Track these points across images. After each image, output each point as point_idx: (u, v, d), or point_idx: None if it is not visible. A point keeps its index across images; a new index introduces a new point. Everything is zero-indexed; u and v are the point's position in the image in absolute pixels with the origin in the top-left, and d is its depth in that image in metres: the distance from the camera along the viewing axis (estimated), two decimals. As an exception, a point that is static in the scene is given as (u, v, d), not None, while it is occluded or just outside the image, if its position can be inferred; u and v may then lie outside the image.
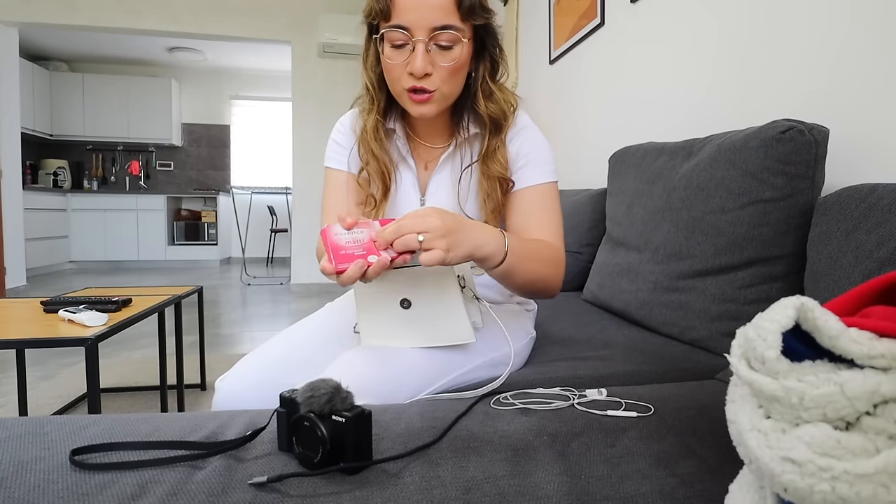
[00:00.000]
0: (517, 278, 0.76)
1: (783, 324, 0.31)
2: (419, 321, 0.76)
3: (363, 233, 0.66)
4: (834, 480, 0.26)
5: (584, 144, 2.21)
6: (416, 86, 0.78)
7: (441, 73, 0.78)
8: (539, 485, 0.47)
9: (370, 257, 0.63)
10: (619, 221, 1.36)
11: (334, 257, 0.63)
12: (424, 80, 0.78)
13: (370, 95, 0.87)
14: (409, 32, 0.76)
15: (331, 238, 0.65)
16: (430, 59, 0.77)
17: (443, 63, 0.78)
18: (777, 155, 0.90)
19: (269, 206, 6.31)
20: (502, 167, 0.85)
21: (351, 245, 0.65)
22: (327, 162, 0.94)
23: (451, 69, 0.78)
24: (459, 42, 0.77)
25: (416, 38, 0.76)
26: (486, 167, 0.86)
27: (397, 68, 0.79)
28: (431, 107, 0.81)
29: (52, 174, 5.88)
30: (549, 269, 0.81)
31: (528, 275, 0.77)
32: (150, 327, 2.23)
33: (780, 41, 1.15)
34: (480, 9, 0.78)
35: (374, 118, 0.86)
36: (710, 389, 0.72)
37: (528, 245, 0.78)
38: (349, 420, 0.46)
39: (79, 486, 0.45)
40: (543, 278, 0.80)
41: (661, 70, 1.65)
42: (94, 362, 1.08)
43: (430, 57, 0.77)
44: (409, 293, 0.75)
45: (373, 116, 0.87)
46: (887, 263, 0.68)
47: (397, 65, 0.78)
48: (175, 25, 4.23)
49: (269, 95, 6.69)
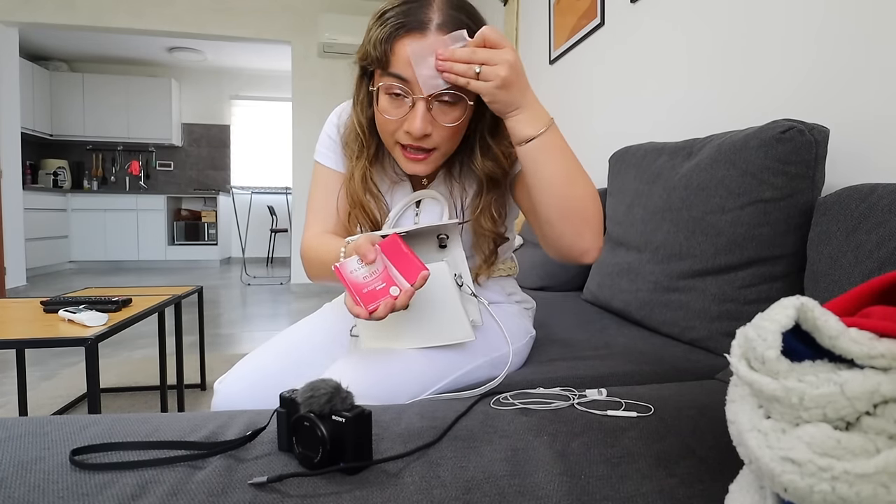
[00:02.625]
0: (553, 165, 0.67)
1: (783, 324, 0.31)
2: (418, 321, 0.76)
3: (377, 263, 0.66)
4: (834, 480, 0.26)
5: (584, 144, 2.21)
6: (412, 144, 0.72)
7: (441, 133, 0.72)
8: (539, 485, 0.47)
9: (392, 289, 0.64)
10: (619, 221, 1.36)
11: (360, 298, 0.64)
12: (423, 140, 0.72)
13: (360, 141, 0.80)
14: (410, 87, 0.69)
15: (349, 278, 0.65)
16: (430, 117, 0.70)
17: (444, 123, 0.71)
18: (777, 155, 0.90)
19: (269, 206, 6.31)
20: (493, 223, 0.81)
21: (370, 279, 0.65)
22: (318, 157, 0.88)
23: (453, 130, 0.72)
24: (463, 100, 0.70)
25: (416, 96, 0.69)
26: (478, 224, 0.81)
27: (393, 123, 0.72)
28: (427, 166, 0.75)
29: (52, 174, 5.88)
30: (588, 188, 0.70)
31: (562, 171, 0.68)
32: (150, 327, 2.24)
33: (780, 41, 1.15)
34: None
35: (362, 166, 0.80)
36: (710, 389, 0.72)
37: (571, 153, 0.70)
38: (349, 420, 0.46)
39: (79, 486, 0.45)
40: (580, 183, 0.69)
41: (662, 70, 1.65)
42: (94, 362, 1.08)
43: (430, 116, 0.70)
44: None
45: (361, 164, 0.80)
46: (887, 263, 0.68)
47: (393, 120, 0.72)
48: (175, 25, 4.23)
49: (269, 95, 6.69)
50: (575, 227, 0.70)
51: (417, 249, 0.71)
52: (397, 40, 0.68)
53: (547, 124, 0.67)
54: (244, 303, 3.96)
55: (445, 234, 0.78)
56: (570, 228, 0.71)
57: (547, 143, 0.67)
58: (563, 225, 0.71)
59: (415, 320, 0.76)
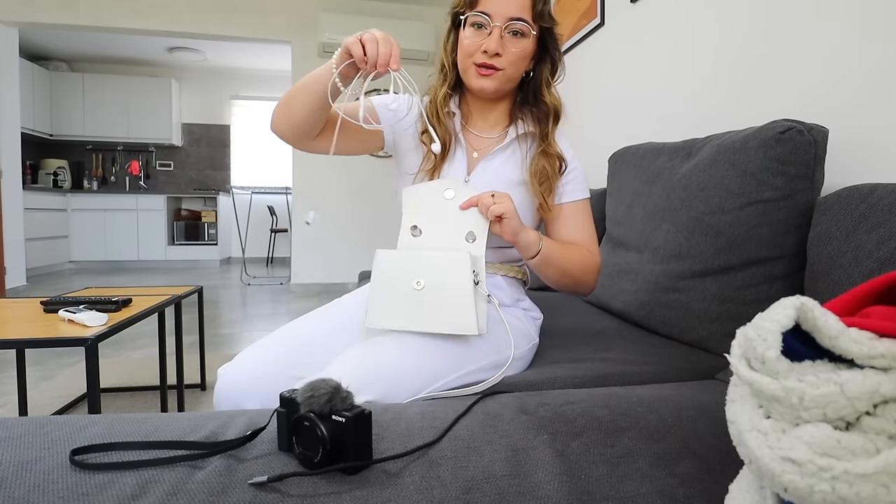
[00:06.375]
0: (551, 270, 0.91)
1: (783, 324, 0.31)
2: (429, 305, 0.79)
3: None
4: (834, 480, 0.26)
5: (584, 144, 2.21)
6: (486, 62, 0.90)
7: (509, 57, 0.90)
8: (539, 485, 0.47)
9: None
10: (619, 221, 1.36)
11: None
12: (494, 59, 0.90)
13: (443, 73, 1.00)
14: (490, 18, 0.89)
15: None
16: (502, 43, 0.89)
17: (513, 49, 0.90)
18: (776, 155, 0.90)
19: (269, 206, 6.30)
20: (558, 149, 0.97)
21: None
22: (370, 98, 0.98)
23: (519, 55, 0.91)
24: (529, 34, 0.90)
25: (494, 24, 0.89)
26: (549, 146, 0.96)
27: (473, 45, 0.91)
28: (493, 82, 0.92)
29: (52, 174, 5.87)
30: (580, 268, 0.93)
31: (560, 268, 0.91)
32: (150, 327, 2.24)
33: (780, 41, 1.15)
34: (549, 15, 0.93)
35: (444, 90, 0.98)
36: (710, 389, 0.72)
37: (563, 247, 0.92)
38: (349, 420, 0.46)
39: (79, 486, 0.45)
40: (574, 273, 0.93)
41: (661, 70, 1.65)
42: (94, 362, 1.08)
43: (502, 42, 0.89)
44: (424, 275, 0.80)
45: (444, 89, 0.98)
46: (887, 263, 0.68)
47: (473, 42, 0.91)
48: (175, 25, 4.23)
49: (269, 95, 6.68)
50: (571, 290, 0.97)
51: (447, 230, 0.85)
52: None
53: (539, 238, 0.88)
54: (244, 303, 3.96)
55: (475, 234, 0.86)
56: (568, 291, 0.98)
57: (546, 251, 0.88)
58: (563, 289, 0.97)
59: (426, 304, 0.79)
